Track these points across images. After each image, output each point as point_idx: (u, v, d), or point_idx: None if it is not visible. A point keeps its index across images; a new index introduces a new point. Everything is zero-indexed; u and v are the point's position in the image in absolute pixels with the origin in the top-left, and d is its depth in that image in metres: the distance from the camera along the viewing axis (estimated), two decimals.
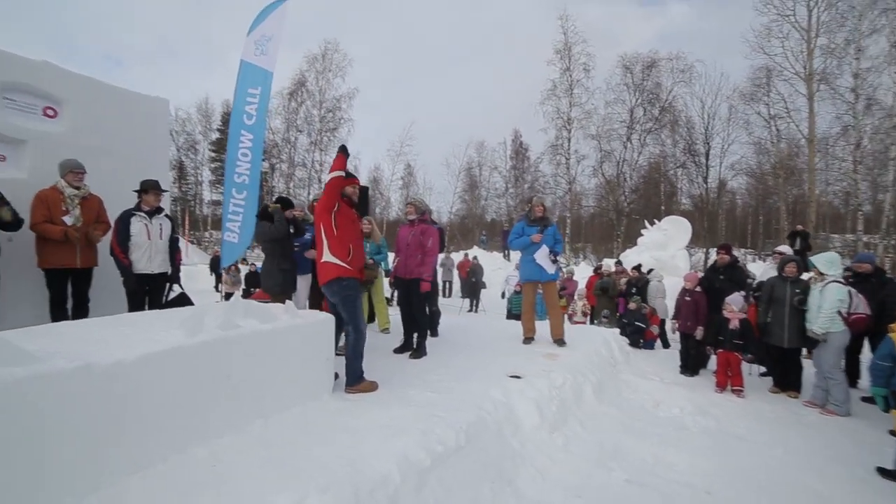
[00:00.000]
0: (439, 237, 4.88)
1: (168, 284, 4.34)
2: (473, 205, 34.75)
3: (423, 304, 4.70)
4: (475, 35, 63.63)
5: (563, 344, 5.13)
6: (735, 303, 4.87)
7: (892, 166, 17.89)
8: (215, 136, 32.16)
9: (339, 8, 57.20)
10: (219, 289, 13.29)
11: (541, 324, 5.55)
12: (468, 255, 16.16)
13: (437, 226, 5.03)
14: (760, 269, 8.09)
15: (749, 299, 5.29)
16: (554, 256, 5.16)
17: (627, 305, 7.46)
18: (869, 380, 4.73)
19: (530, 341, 5.30)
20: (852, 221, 20.84)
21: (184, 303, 4.25)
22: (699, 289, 5.51)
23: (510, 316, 9.01)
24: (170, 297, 4.35)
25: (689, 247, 16.50)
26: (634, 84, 26.28)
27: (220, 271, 12.57)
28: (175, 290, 4.42)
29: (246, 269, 13.32)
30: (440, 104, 55.29)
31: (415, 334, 4.69)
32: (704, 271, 6.66)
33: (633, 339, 6.63)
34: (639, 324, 6.90)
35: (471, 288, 13.28)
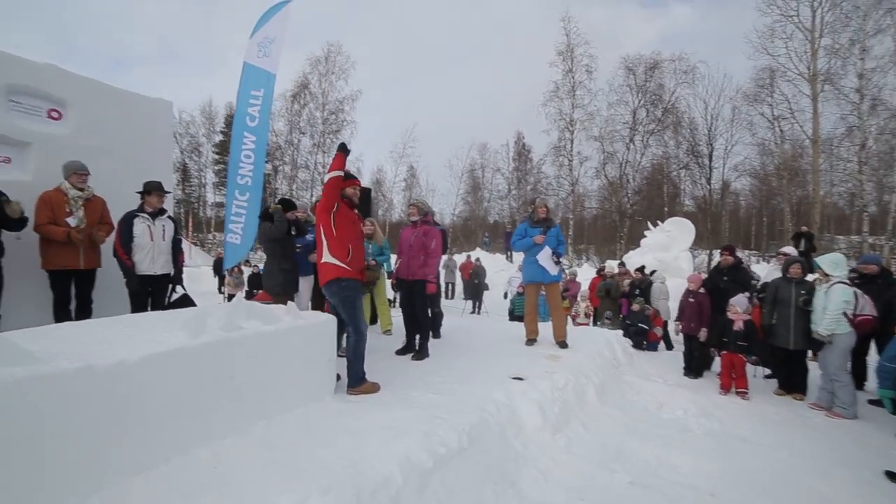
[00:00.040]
0: (442, 239, 4.87)
1: (171, 286, 4.35)
2: (476, 206, 34.77)
3: (426, 306, 4.69)
4: (477, 37, 63.77)
5: (565, 346, 5.11)
6: (739, 304, 4.84)
7: None
8: (219, 139, 32.31)
9: (341, 10, 57.54)
10: (222, 290, 13.31)
11: (543, 325, 5.53)
12: (470, 257, 16.15)
13: (439, 227, 5.03)
14: (765, 271, 8.05)
15: (753, 300, 5.25)
16: (557, 258, 5.15)
17: (630, 307, 7.43)
18: (876, 382, 4.70)
19: (533, 343, 5.28)
20: (857, 223, 20.76)
21: (186, 304, 4.26)
22: (703, 290, 5.48)
23: (513, 317, 8.99)
24: (173, 299, 4.36)
25: (693, 248, 16.45)
26: (637, 85, 26.27)
27: (224, 273, 12.60)
28: (178, 292, 4.44)
29: (249, 271, 13.34)
30: (443, 106, 55.41)
31: (417, 336, 4.68)
32: (708, 273, 6.62)
33: (636, 340, 6.60)
34: (642, 325, 6.86)
35: (473, 290, 13.26)
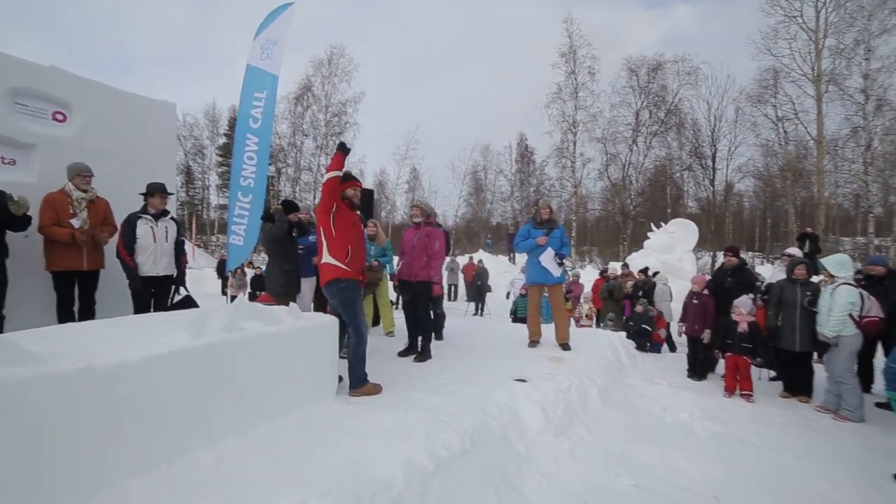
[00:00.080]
0: (445, 240, 4.87)
1: (173, 287, 4.36)
2: (479, 208, 34.77)
3: (428, 307, 4.68)
4: (479, 38, 63.94)
5: (568, 348, 5.08)
6: (743, 305, 4.80)
7: None
8: (222, 141, 32.48)
9: (343, 12, 57.79)
10: (225, 292, 13.35)
11: (546, 327, 5.51)
12: (473, 259, 16.13)
13: (441, 229, 5.03)
14: (769, 273, 8.00)
15: (757, 302, 5.22)
16: (560, 259, 5.13)
17: (634, 308, 7.39)
18: (883, 384, 4.65)
19: (536, 345, 5.26)
20: (863, 224, 20.58)
21: (189, 305, 4.26)
22: (706, 292, 5.44)
23: (515, 319, 8.96)
24: (175, 300, 4.37)
25: (696, 250, 16.37)
26: (640, 87, 26.23)
27: (227, 275, 12.64)
28: (181, 293, 4.44)
29: (252, 273, 13.37)
30: (445, 108, 55.51)
31: (419, 337, 4.67)
32: (712, 274, 6.59)
33: (639, 342, 6.57)
34: (645, 326, 6.83)
35: (476, 291, 13.25)
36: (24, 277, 3.74)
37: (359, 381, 3.37)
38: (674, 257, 13.68)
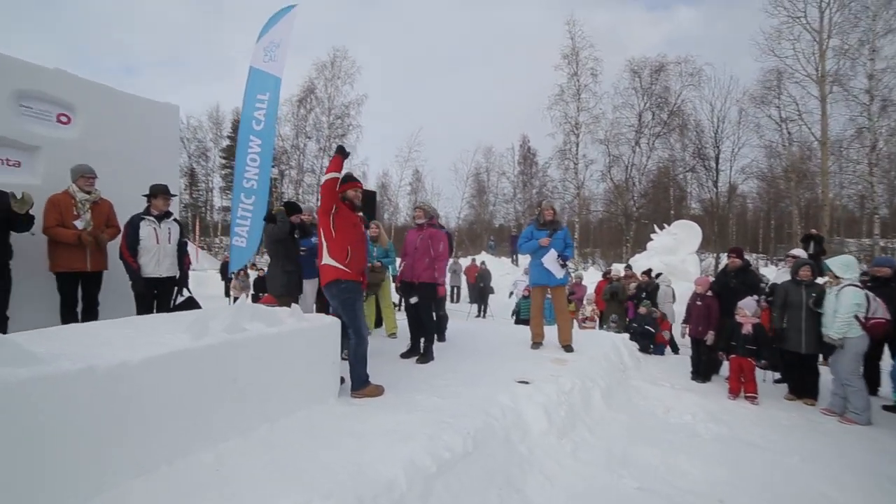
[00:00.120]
0: (448, 241, 4.86)
1: (176, 289, 4.36)
2: (481, 210, 34.78)
3: (430, 309, 4.67)
4: (482, 41, 64.09)
5: (571, 350, 5.07)
6: (748, 307, 4.77)
7: None
8: (226, 144, 32.62)
9: (346, 15, 58.00)
10: (229, 293, 13.37)
11: (549, 329, 5.49)
12: (475, 261, 16.12)
13: (444, 230, 5.03)
14: (773, 274, 7.95)
15: (761, 303, 5.18)
16: (563, 261, 5.11)
17: (637, 310, 7.36)
18: (890, 387, 4.61)
19: (538, 346, 5.24)
20: (868, 225, 20.49)
21: (192, 307, 4.27)
22: (710, 293, 5.41)
23: (518, 321, 8.94)
24: (178, 302, 4.38)
25: (699, 252, 16.30)
26: (643, 88, 26.20)
27: (230, 276, 12.67)
28: (184, 295, 4.45)
29: (255, 275, 13.39)
30: (448, 110, 55.60)
31: (422, 339, 4.66)
32: (715, 275, 6.55)
33: (642, 343, 6.54)
34: (648, 328, 6.79)
35: (479, 293, 13.23)
36: (28, 278, 3.75)
37: (360, 383, 3.37)
38: (677, 259, 13.63)
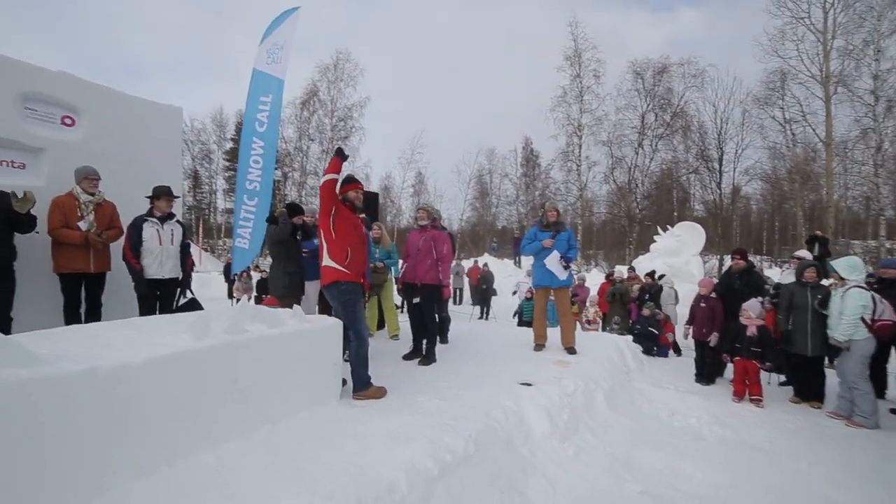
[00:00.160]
0: (451, 243, 4.86)
1: (179, 290, 4.37)
2: (484, 212, 34.80)
3: (433, 311, 4.66)
4: (485, 42, 64.16)
5: (573, 352, 5.04)
6: (752, 309, 4.73)
7: None
8: (229, 146, 32.78)
9: (349, 18, 58.26)
10: (232, 295, 13.40)
11: (551, 331, 5.47)
12: (478, 263, 16.11)
13: (447, 232, 5.02)
14: (777, 276, 7.89)
15: (765, 305, 5.13)
16: (566, 262, 5.08)
17: (641, 312, 7.32)
18: None
19: (541, 348, 5.22)
20: (874, 227, 20.34)
21: (194, 308, 4.27)
22: (714, 295, 5.37)
23: (521, 323, 8.91)
24: (181, 303, 4.38)
25: (703, 253, 16.23)
26: (646, 90, 26.21)
27: (233, 278, 12.69)
28: (186, 296, 4.46)
29: (258, 276, 13.42)
30: (450, 112, 55.70)
31: (424, 341, 4.64)
32: (719, 277, 6.51)
33: (645, 346, 6.50)
34: (652, 330, 6.76)
35: (481, 295, 13.22)
36: (31, 279, 3.77)
37: (362, 384, 3.36)
38: (680, 261, 13.58)
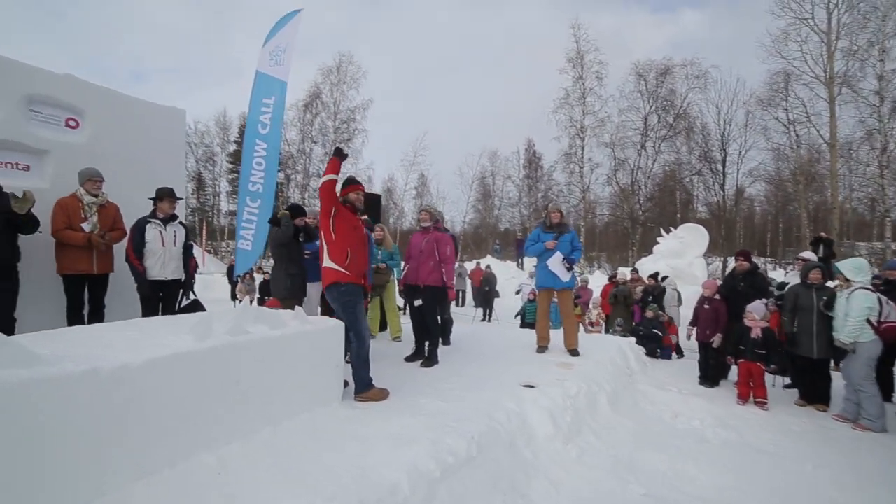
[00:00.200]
0: (454, 245, 4.86)
1: (182, 291, 4.38)
2: (487, 214, 34.76)
3: (435, 312, 4.65)
4: (487, 44, 64.26)
5: (576, 354, 5.02)
6: (756, 311, 4.70)
7: None
8: (233, 148, 32.90)
9: (352, 20, 58.49)
10: (235, 297, 13.40)
11: (554, 333, 5.45)
12: (480, 265, 16.09)
13: (449, 233, 5.02)
14: (782, 278, 7.84)
15: (769, 307, 5.10)
16: (569, 264, 5.06)
17: (644, 314, 7.29)
18: None
19: (544, 350, 5.20)
20: (879, 229, 20.20)
21: (197, 310, 4.28)
22: (718, 296, 5.34)
23: (524, 324, 8.89)
24: (183, 304, 4.39)
25: (706, 255, 16.16)
26: (648, 91, 26.14)
27: (236, 279, 12.71)
28: (189, 298, 4.46)
29: (261, 278, 13.43)
30: (453, 114, 55.75)
31: (426, 343, 4.63)
32: (723, 279, 6.47)
33: (649, 347, 6.47)
34: (656, 331, 6.72)
35: (484, 297, 13.20)
36: (35, 281, 3.78)
37: (364, 386, 3.35)
38: (684, 262, 13.52)
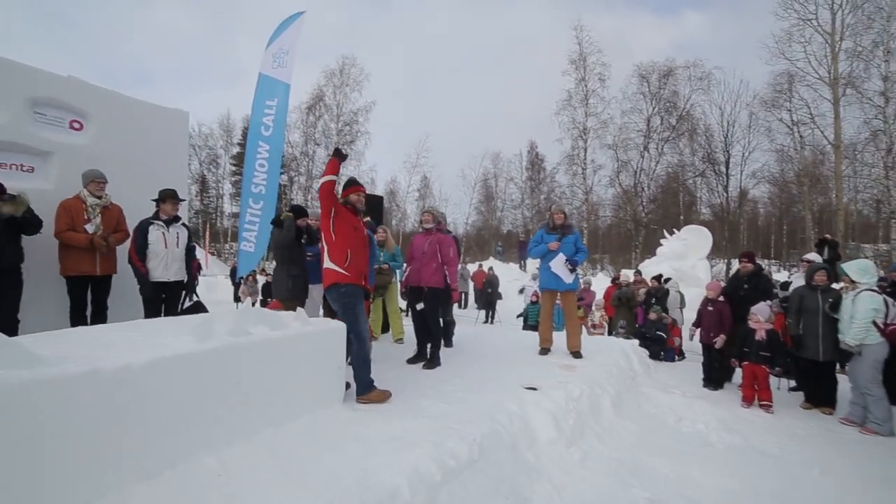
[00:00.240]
0: (457, 246, 4.85)
1: (184, 293, 4.38)
2: (489, 216, 34.74)
3: (437, 314, 4.64)
4: (489, 46, 64.35)
5: (579, 356, 5.00)
6: (761, 312, 4.66)
7: None
8: (236, 151, 33.02)
9: (354, 23, 58.72)
10: (238, 298, 13.42)
11: (557, 335, 5.42)
12: (483, 267, 16.08)
13: (451, 235, 5.02)
14: (786, 278, 7.77)
15: (773, 308, 5.05)
16: (571, 266, 5.04)
17: (647, 316, 7.25)
18: None
19: (547, 352, 5.18)
20: (885, 230, 20.04)
21: (199, 311, 4.28)
22: (722, 298, 5.30)
23: (526, 326, 8.87)
24: (186, 306, 4.39)
25: (710, 257, 16.07)
26: (651, 93, 26.10)
27: (239, 281, 12.73)
28: (192, 299, 4.46)
29: (264, 280, 13.44)
30: (455, 116, 55.84)
31: (428, 344, 4.62)
32: (727, 281, 6.43)
33: (652, 350, 6.43)
34: (660, 333, 6.68)
35: (486, 299, 13.17)
36: (38, 282, 3.80)
37: (365, 387, 3.33)
38: (687, 264, 13.44)
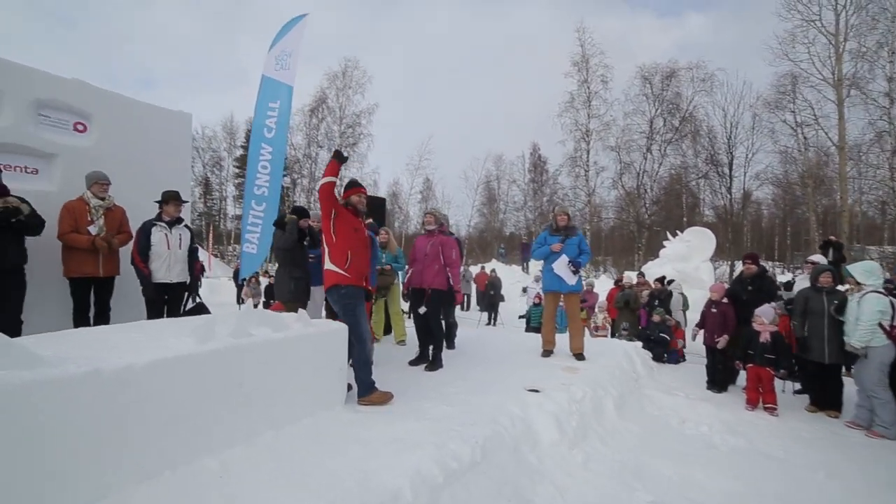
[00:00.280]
0: (459, 248, 4.85)
1: (187, 294, 4.39)
2: (492, 218, 34.76)
3: (439, 316, 4.63)
4: (492, 48, 64.40)
5: (582, 358, 4.97)
6: (765, 314, 4.63)
7: None
8: (239, 153, 33.14)
9: (357, 25, 58.92)
10: (241, 300, 13.44)
11: (560, 337, 5.40)
12: (485, 269, 16.07)
13: (454, 237, 5.01)
14: (790, 278, 7.72)
15: (777, 310, 5.01)
16: (574, 267, 5.02)
17: (650, 318, 7.22)
18: None
19: (549, 354, 5.16)
20: (890, 232, 19.98)
21: (201, 313, 4.29)
22: (726, 300, 5.27)
23: (529, 328, 8.85)
24: (188, 307, 4.40)
25: (713, 259, 16.00)
26: (654, 94, 26.10)
27: (241, 282, 12.76)
28: (194, 300, 4.47)
29: (266, 281, 13.47)
30: (458, 118, 55.94)
31: (430, 346, 4.61)
32: (731, 282, 6.39)
33: (656, 352, 6.40)
34: (664, 335, 6.65)
35: (489, 301, 13.15)
36: (42, 283, 3.81)
37: (366, 389, 3.32)
38: (690, 266, 13.39)
